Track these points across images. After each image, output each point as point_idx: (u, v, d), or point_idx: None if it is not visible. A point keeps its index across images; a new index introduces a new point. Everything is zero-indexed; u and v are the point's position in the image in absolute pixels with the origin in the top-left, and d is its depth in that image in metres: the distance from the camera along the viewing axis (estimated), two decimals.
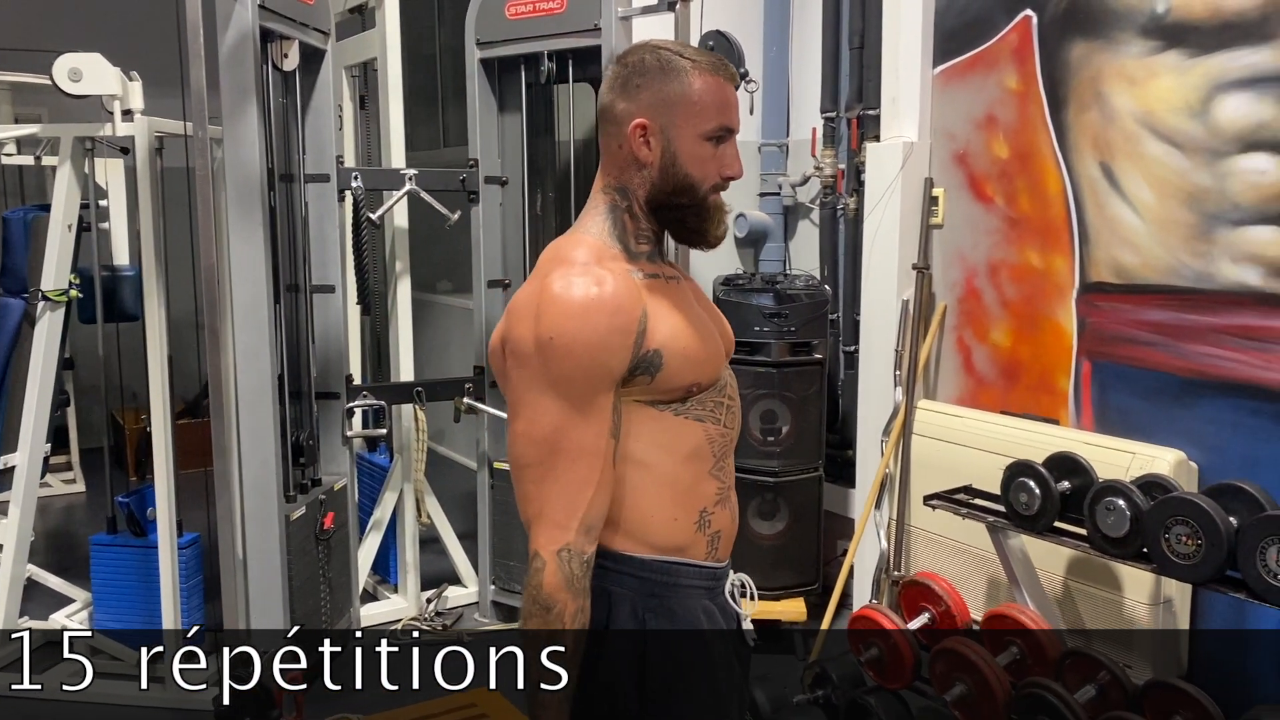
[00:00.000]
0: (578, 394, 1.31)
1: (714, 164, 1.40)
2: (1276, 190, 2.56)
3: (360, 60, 3.87)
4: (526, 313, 1.34)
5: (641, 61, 1.40)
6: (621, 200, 1.42)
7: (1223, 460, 2.73)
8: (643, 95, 1.38)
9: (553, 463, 1.31)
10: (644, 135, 1.38)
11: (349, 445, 3.50)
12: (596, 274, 1.33)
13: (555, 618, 1.30)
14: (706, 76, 1.38)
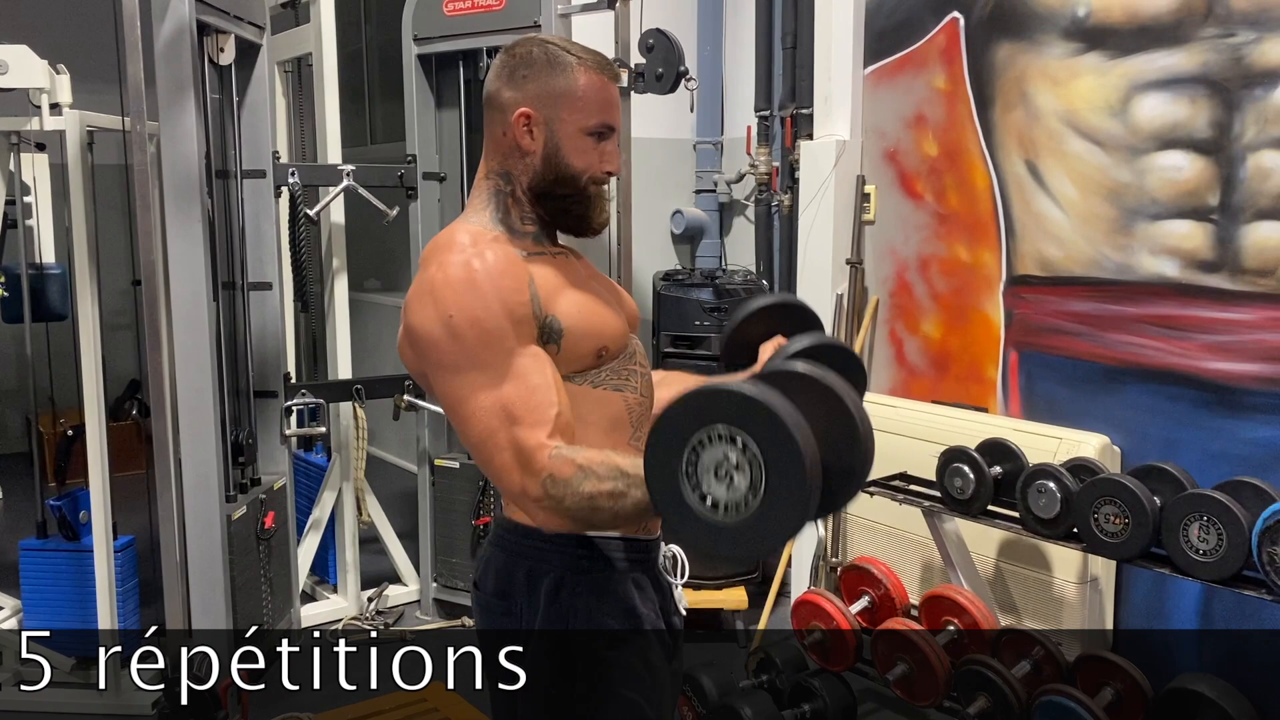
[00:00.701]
0: (499, 353, 1.33)
1: (594, 158, 1.44)
2: (1191, 186, 2.70)
3: (293, 55, 3.83)
4: (419, 303, 1.37)
5: (529, 54, 1.44)
6: (505, 185, 1.46)
7: (1144, 443, 2.86)
8: (528, 86, 1.43)
9: (510, 418, 1.32)
10: (528, 125, 1.42)
11: (287, 444, 3.47)
12: (476, 250, 1.37)
13: (594, 470, 1.29)
14: (591, 74, 1.43)
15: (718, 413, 1.13)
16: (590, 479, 1.28)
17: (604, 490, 1.27)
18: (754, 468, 1.11)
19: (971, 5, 3.20)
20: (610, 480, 1.27)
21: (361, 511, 3.72)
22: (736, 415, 1.12)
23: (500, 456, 1.34)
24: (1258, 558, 2.09)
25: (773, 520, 1.11)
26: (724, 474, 1.13)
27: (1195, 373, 2.74)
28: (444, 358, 1.35)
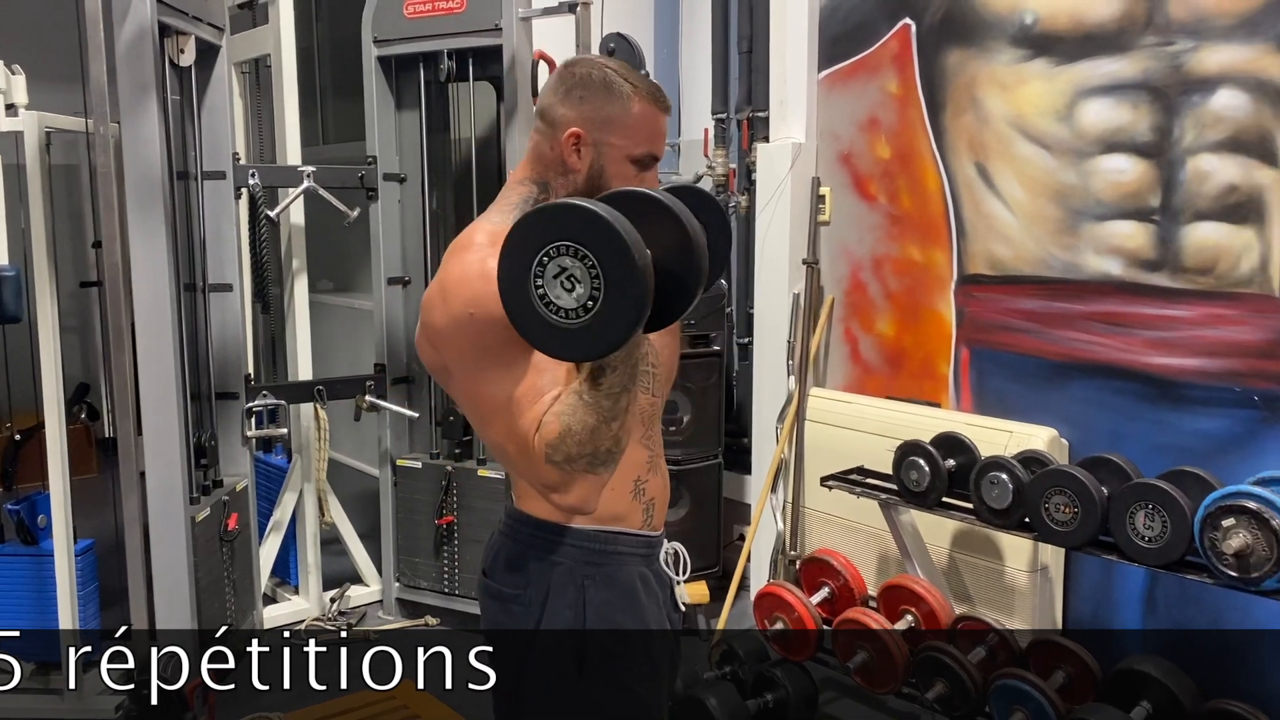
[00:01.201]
0: (516, 353, 1.35)
1: (635, 184, 1.48)
2: (1134, 188, 2.80)
3: (251, 57, 3.82)
4: (437, 300, 1.40)
5: (589, 76, 1.47)
6: (540, 194, 1.49)
7: (1091, 435, 2.96)
8: (583, 107, 1.45)
9: (518, 416, 1.34)
10: (576, 144, 1.45)
11: (249, 445, 3.46)
12: (494, 250, 1.38)
13: (573, 414, 1.30)
14: (645, 104, 1.47)
15: (555, 229, 1.21)
16: (571, 415, 1.30)
17: (579, 415, 1.29)
18: (591, 273, 1.19)
19: (923, 12, 3.29)
20: (577, 403, 1.30)
21: (324, 513, 3.72)
22: (571, 228, 1.20)
23: (513, 451, 1.38)
24: (1200, 543, 2.19)
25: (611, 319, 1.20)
26: (569, 283, 1.20)
27: (1139, 367, 2.85)
28: (464, 356, 1.38)
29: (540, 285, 1.22)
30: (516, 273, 1.23)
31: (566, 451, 1.31)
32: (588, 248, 1.19)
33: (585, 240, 1.19)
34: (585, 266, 1.19)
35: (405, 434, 3.81)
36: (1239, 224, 2.61)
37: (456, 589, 3.66)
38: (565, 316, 1.21)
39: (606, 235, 1.19)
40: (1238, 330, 2.63)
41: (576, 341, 1.22)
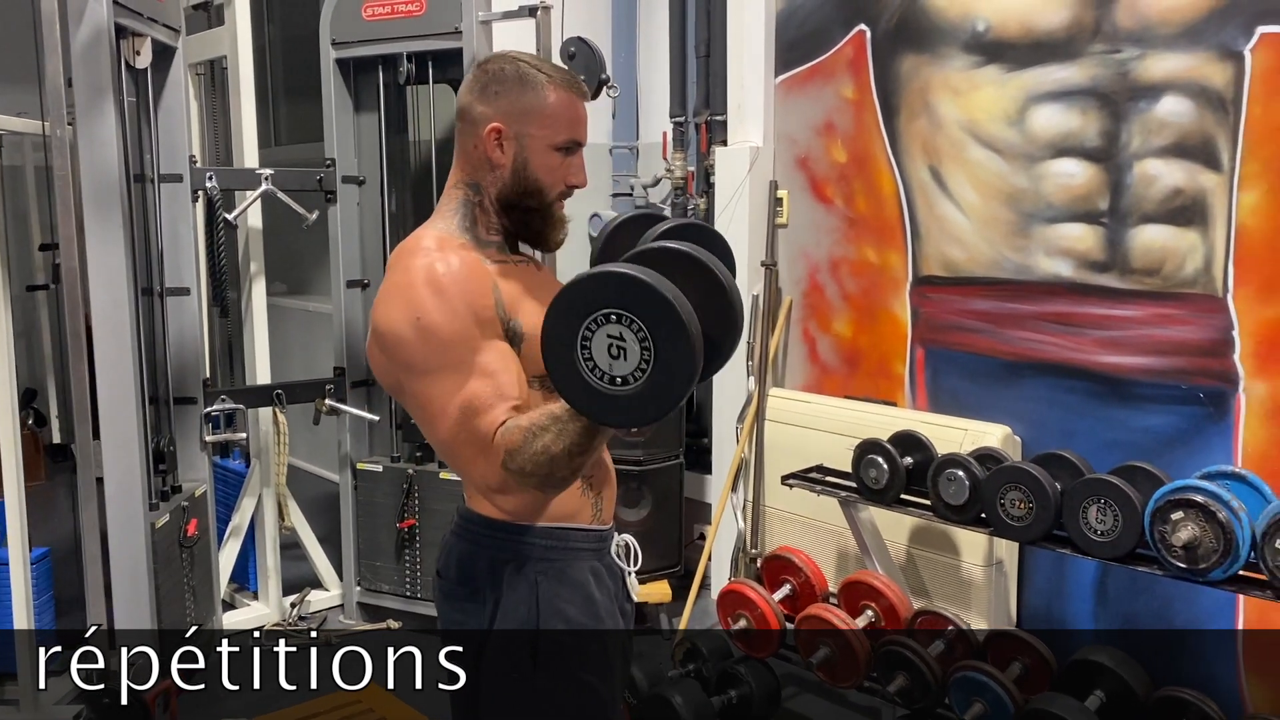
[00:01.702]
0: (465, 352, 1.39)
1: (561, 172, 1.52)
2: (1084, 191, 2.88)
3: (206, 58, 3.78)
4: (387, 306, 1.43)
5: (501, 70, 1.50)
6: (474, 195, 1.52)
7: (1043, 433, 3.04)
8: (500, 102, 1.49)
9: (473, 411, 1.38)
10: (498, 139, 1.48)
11: (207, 450, 3.43)
12: (439, 255, 1.43)
13: (535, 428, 1.34)
14: (560, 91, 1.50)
15: (603, 297, 1.22)
16: (538, 435, 1.33)
17: (548, 438, 1.33)
18: (642, 341, 1.21)
19: (878, 18, 3.35)
20: (552, 426, 1.33)
21: (284, 517, 3.70)
22: (619, 297, 1.21)
23: (465, 451, 1.41)
24: (1150, 536, 2.26)
25: (663, 387, 1.22)
26: (616, 351, 1.22)
27: (1089, 366, 2.93)
28: (413, 359, 1.40)
29: (588, 351, 1.23)
30: (562, 337, 1.23)
31: (522, 465, 1.34)
32: (639, 317, 1.20)
33: (636, 308, 1.20)
34: (635, 334, 1.20)
35: (365, 437, 3.80)
36: (1184, 226, 2.69)
37: (419, 592, 3.65)
38: (613, 383, 1.22)
39: (658, 305, 1.19)
40: (1183, 329, 2.72)
41: (625, 409, 1.23)
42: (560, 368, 1.25)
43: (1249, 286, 2.59)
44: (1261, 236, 2.55)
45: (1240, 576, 2.17)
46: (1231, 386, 2.64)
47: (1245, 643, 2.70)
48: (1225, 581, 2.18)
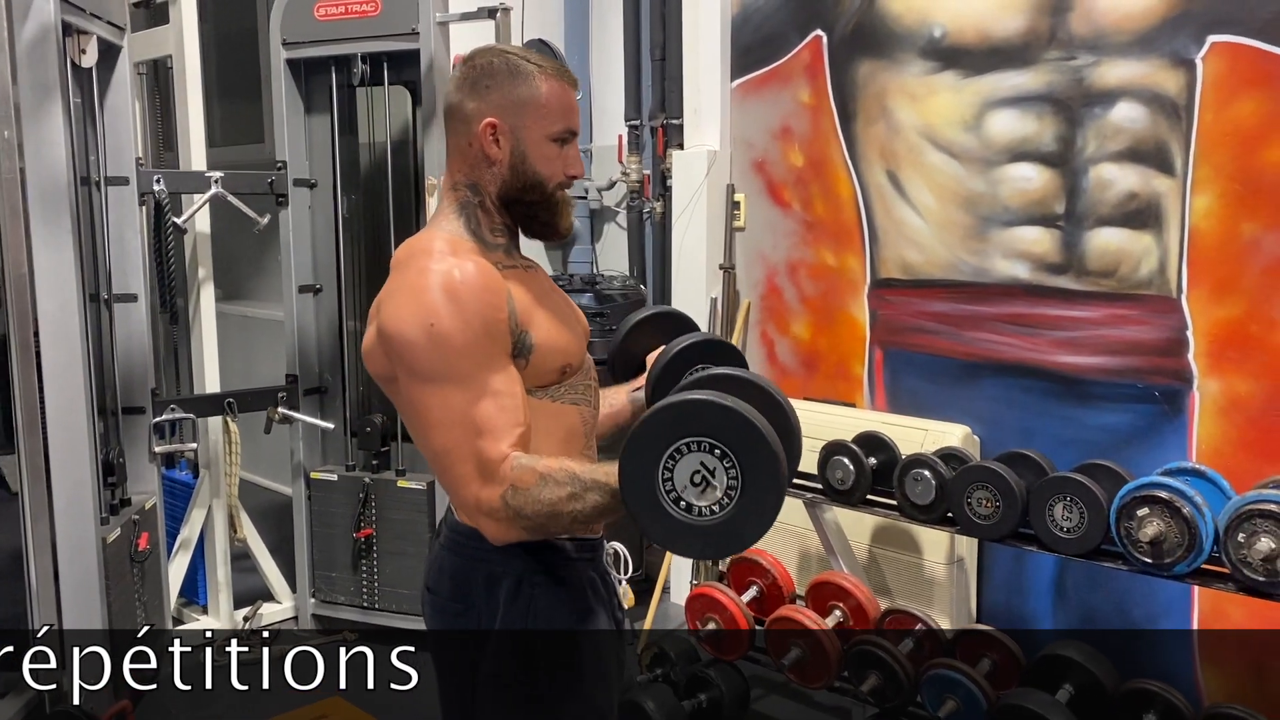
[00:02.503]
0: (473, 367, 1.37)
1: (559, 163, 1.50)
2: (1040, 195, 2.95)
3: (149, 57, 3.67)
4: (398, 307, 1.39)
5: (490, 64, 1.48)
6: (474, 196, 1.50)
7: (1001, 432, 3.10)
8: (492, 96, 1.46)
9: (475, 432, 1.36)
10: (494, 134, 1.46)
11: (156, 461, 3.33)
12: (456, 261, 1.40)
13: (553, 477, 1.33)
14: (552, 81, 1.48)
15: (693, 424, 1.21)
16: (550, 485, 1.32)
17: (563, 495, 1.32)
18: (729, 471, 1.20)
19: (834, 24, 3.39)
20: (568, 485, 1.32)
21: (236, 529, 3.60)
22: (711, 425, 1.21)
23: (461, 467, 1.38)
24: (1116, 532, 2.30)
25: (750, 517, 1.21)
26: (699, 480, 1.21)
27: (1046, 366, 2.99)
28: (418, 364, 1.37)
29: (669, 481, 1.21)
30: (643, 466, 1.21)
31: (522, 505, 1.33)
32: (729, 446, 1.19)
33: (725, 438, 1.19)
34: (722, 463, 1.19)
35: (318, 446, 3.72)
36: (1139, 229, 2.77)
37: (376, 603, 3.59)
38: (688, 511, 1.21)
39: (750, 434, 1.19)
40: (1139, 330, 2.79)
41: (710, 539, 1.22)
42: (634, 472, 1.23)
43: (1202, 287, 2.67)
44: (1214, 239, 2.63)
45: (1203, 570, 2.22)
46: (1186, 385, 2.72)
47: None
48: (1189, 575, 2.22)
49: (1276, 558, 2.07)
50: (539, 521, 1.34)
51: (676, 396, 1.27)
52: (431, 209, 3.33)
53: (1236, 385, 2.63)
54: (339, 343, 3.67)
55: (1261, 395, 2.59)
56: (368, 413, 3.64)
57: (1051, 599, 3.07)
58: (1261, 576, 2.09)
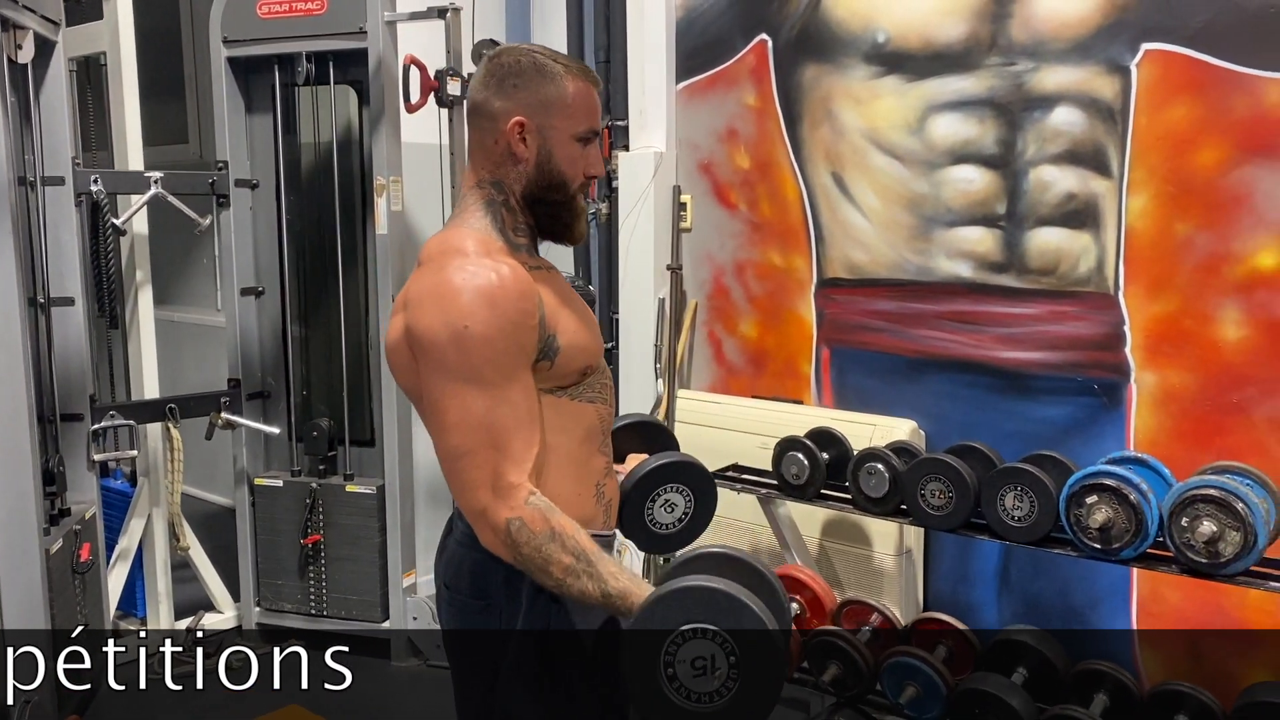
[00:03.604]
0: (499, 375, 1.38)
1: (581, 163, 1.52)
2: (982, 197, 3.04)
3: (80, 54, 3.56)
4: (430, 304, 1.39)
5: (517, 63, 1.49)
6: (498, 194, 1.51)
7: (946, 426, 3.19)
8: (521, 94, 1.47)
9: (492, 440, 1.37)
10: (521, 133, 1.47)
11: (95, 470, 3.23)
12: (492, 264, 1.41)
13: (562, 537, 1.37)
14: (578, 81, 1.50)
15: (695, 613, 1.26)
16: (557, 545, 1.36)
17: (564, 563, 1.36)
18: (730, 659, 1.24)
19: (779, 28, 3.45)
20: (572, 557, 1.36)
21: (180, 538, 3.51)
22: (713, 614, 1.25)
23: (473, 473, 1.39)
24: (1065, 520, 2.39)
25: (750, 704, 1.26)
26: (700, 666, 1.25)
27: (989, 362, 3.09)
28: (445, 363, 1.37)
29: (671, 670, 1.24)
30: (644, 657, 1.25)
31: (522, 542, 1.36)
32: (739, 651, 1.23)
33: (728, 627, 1.23)
34: (724, 650, 1.23)
35: (261, 452, 3.65)
36: (1077, 229, 2.88)
37: (325, 609, 3.54)
38: (689, 698, 1.24)
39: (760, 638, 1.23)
40: (1078, 325, 2.90)
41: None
42: (637, 658, 1.26)
43: (1138, 284, 2.79)
44: (1149, 238, 2.75)
45: (1149, 554, 2.32)
46: (1123, 378, 2.83)
47: (1139, 618, 2.90)
48: (1135, 559, 2.32)
49: (1218, 540, 2.18)
50: (528, 565, 1.38)
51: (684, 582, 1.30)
52: (381, 209, 3.30)
53: (1171, 378, 2.75)
54: (282, 346, 3.61)
55: (1195, 387, 2.71)
56: (313, 417, 3.59)
57: (996, 588, 3.17)
58: (1204, 558, 2.20)
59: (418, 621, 3.49)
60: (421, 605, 3.50)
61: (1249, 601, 2.68)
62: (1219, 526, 2.17)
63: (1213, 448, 2.66)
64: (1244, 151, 2.58)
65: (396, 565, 3.47)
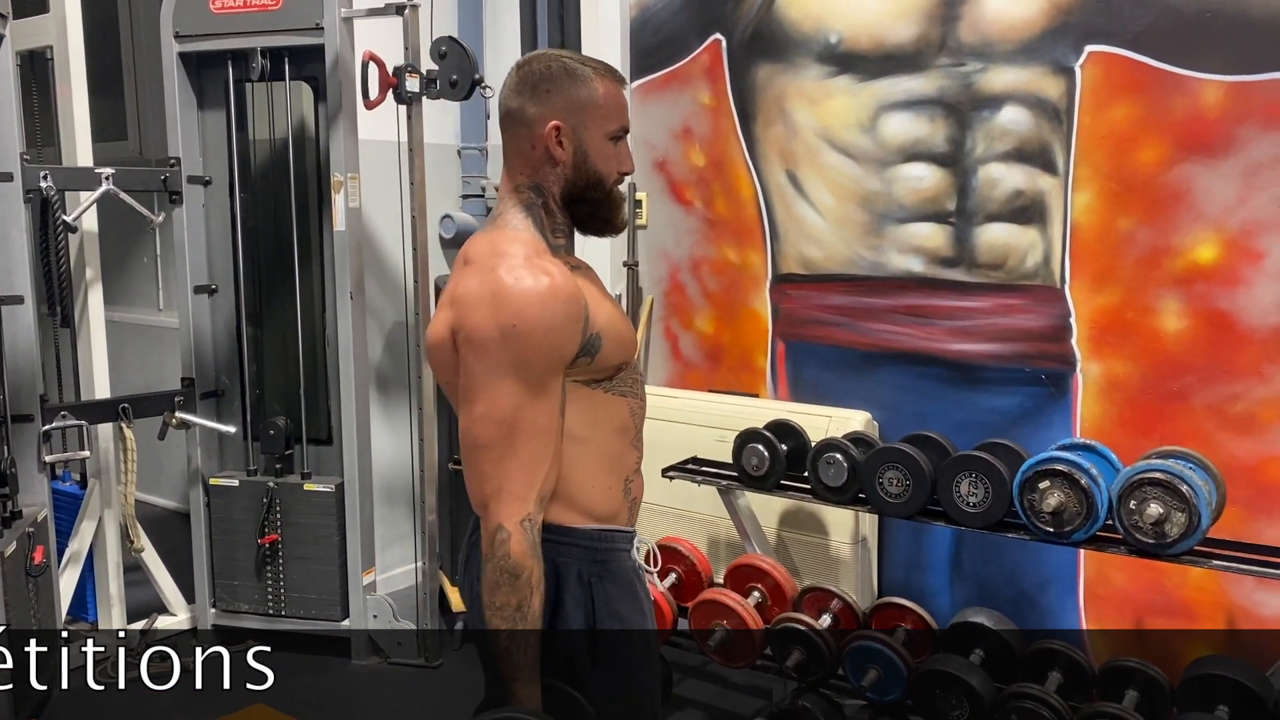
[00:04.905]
0: (535, 376, 1.42)
1: (615, 161, 1.56)
2: (932, 194, 3.13)
3: (25, 48, 3.49)
4: (480, 303, 1.43)
5: (548, 69, 1.53)
6: (537, 198, 1.54)
7: (899, 417, 3.27)
8: (554, 99, 1.51)
9: (511, 440, 1.41)
10: (558, 136, 1.51)
11: (46, 472, 3.18)
12: (542, 266, 1.45)
13: (524, 584, 1.40)
14: (607, 82, 1.55)
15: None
16: (514, 584, 1.41)
17: (507, 603, 1.41)
18: None
19: (733, 28, 3.50)
20: (516, 606, 1.41)
21: (134, 540, 3.46)
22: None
23: (487, 467, 1.43)
24: (1019, 505, 2.48)
25: None
26: None
27: (940, 354, 3.18)
28: (487, 355, 1.41)
29: None
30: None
31: (494, 558, 1.42)
32: None
33: None
34: None
35: (216, 451, 3.61)
36: (1025, 224, 2.98)
37: (283, 609, 3.51)
38: None
39: None
40: (1026, 318, 3.01)
41: None
42: None
43: (1083, 278, 2.90)
44: (1093, 233, 2.86)
45: (1099, 536, 2.41)
46: (1070, 368, 2.94)
47: (1086, 600, 3.01)
48: (1087, 541, 2.42)
49: (1165, 521, 2.27)
50: (483, 572, 1.43)
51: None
52: (339, 206, 3.29)
53: (1115, 367, 2.86)
54: (236, 344, 3.58)
55: (1138, 376, 2.83)
56: (268, 416, 3.56)
57: (949, 573, 3.26)
58: (1151, 539, 2.29)
59: (378, 620, 3.48)
60: (382, 603, 3.49)
61: (1190, 581, 2.80)
62: (1165, 508, 2.27)
63: (1155, 434, 2.78)
64: (1182, 150, 2.69)
65: (356, 563, 3.45)
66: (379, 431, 3.70)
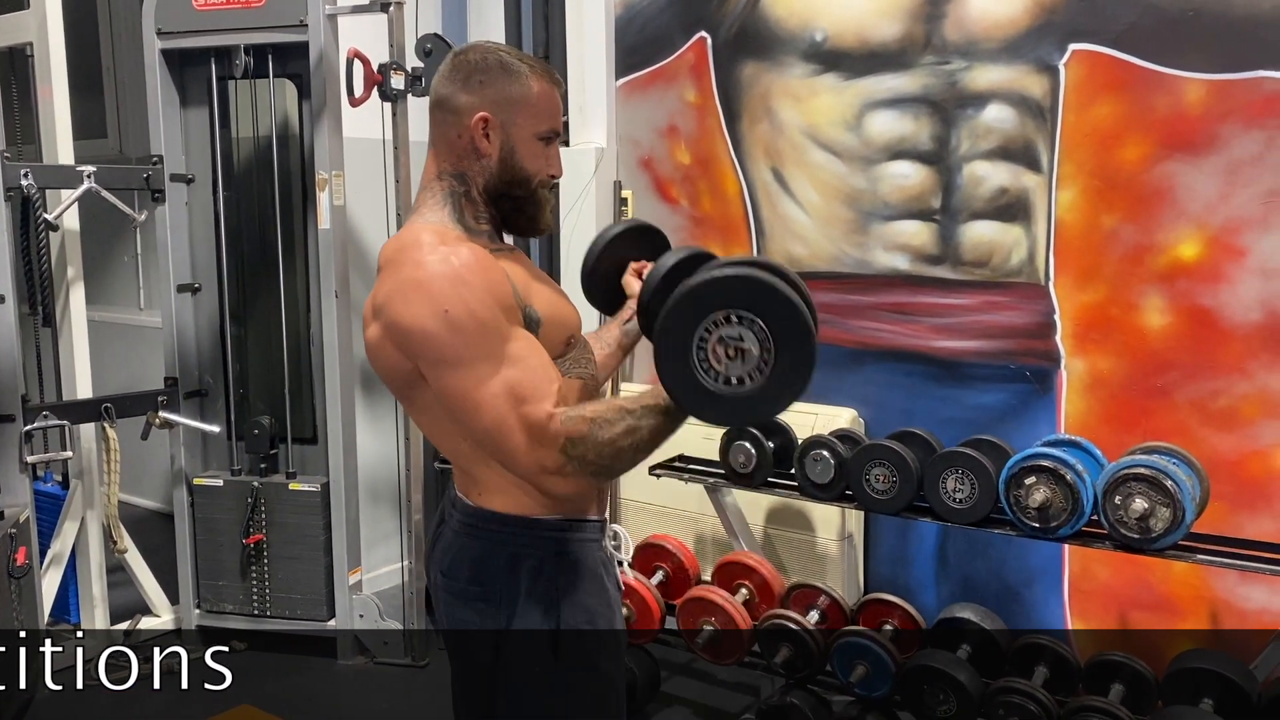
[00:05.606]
0: (495, 342, 1.40)
1: (543, 161, 1.55)
2: (918, 191, 3.14)
3: (5, 45, 3.46)
4: (406, 302, 1.40)
5: (484, 60, 1.52)
6: (459, 185, 1.53)
7: (885, 413, 3.28)
8: (486, 91, 1.50)
9: (514, 398, 1.39)
10: (485, 128, 1.50)
11: (28, 472, 3.15)
12: (449, 248, 1.43)
13: (604, 418, 1.38)
14: (543, 82, 1.53)
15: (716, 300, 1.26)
16: (604, 427, 1.37)
17: (620, 431, 1.37)
18: (763, 343, 1.24)
19: (718, 26, 3.51)
20: (620, 421, 1.37)
21: (118, 540, 3.43)
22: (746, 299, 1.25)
23: (513, 439, 1.39)
24: (1005, 501, 2.49)
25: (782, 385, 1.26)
26: (734, 352, 1.26)
27: (925, 351, 3.20)
28: (444, 352, 1.38)
29: (703, 352, 1.24)
30: (677, 342, 1.24)
31: (584, 453, 1.37)
32: (763, 319, 1.22)
33: (762, 311, 1.22)
34: (757, 336, 1.23)
35: (200, 451, 3.59)
36: (1009, 222, 2.99)
37: (268, 609, 3.50)
38: (727, 384, 1.24)
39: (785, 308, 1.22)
40: (1011, 315, 3.02)
41: (741, 409, 1.25)
42: (673, 366, 1.26)
43: (1067, 275, 2.91)
44: (1077, 230, 2.88)
45: (1084, 531, 2.43)
46: (1054, 365, 2.96)
47: (1071, 595, 3.03)
48: (1072, 537, 2.43)
49: (1149, 516, 2.29)
50: (604, 463, 1.38)
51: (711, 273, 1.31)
52: (323, 204, 3.28)
53: (1099, 364, 2.88)
54: (220, 343, 3.56)
55: (1121, 372, 2.85)
56: (253, 415, 3.54)
57: (934, 569, 3.28)
58: (1136, 534, 2.31)
59: (364, 619, 3.47)
60: (368, 603, 3.48)
61: (1173, 575, 2.82)
62: (1150, 503, 2.29)
63: (1139, 429, 2.80)
64: (1165, 148, 2.71)
65: (342, 563, 3.44)
66: (364, 430, 3.68)
